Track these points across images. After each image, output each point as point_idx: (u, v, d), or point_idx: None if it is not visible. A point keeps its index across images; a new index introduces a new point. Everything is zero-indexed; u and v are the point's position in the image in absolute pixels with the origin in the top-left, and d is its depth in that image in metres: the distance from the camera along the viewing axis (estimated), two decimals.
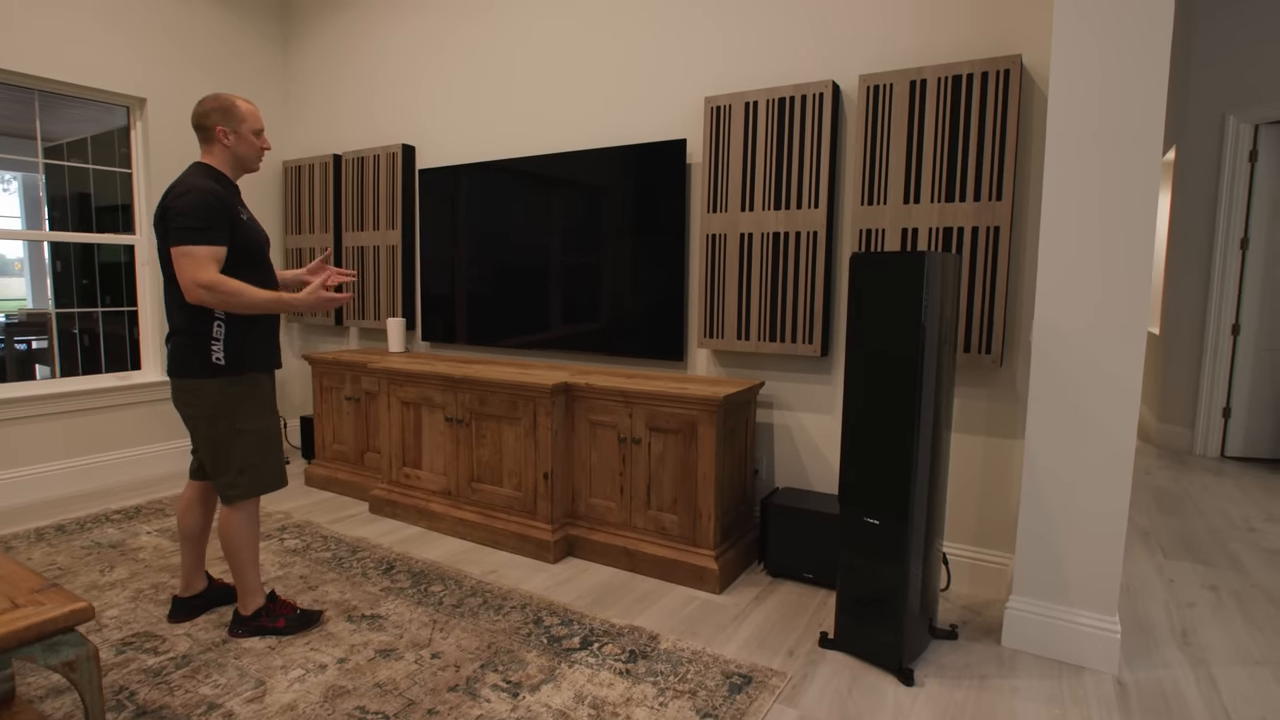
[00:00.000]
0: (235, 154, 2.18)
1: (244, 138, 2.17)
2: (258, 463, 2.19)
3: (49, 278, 4.74)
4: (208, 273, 2.00)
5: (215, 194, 2.05)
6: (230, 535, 2.19)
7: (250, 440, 2.17)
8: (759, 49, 2.92)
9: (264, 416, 2.20)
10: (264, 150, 2.25)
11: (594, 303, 3.31)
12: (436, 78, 3.92)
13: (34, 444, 3.65)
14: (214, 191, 2.06)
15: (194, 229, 2.00)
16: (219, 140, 2.15)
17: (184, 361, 2.10)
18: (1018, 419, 2.53)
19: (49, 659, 1.46)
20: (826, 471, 2.89)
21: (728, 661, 2.12)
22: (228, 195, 2.11)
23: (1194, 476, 4.12)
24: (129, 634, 2.26)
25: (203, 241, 2.01)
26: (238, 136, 2.16)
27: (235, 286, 2.03)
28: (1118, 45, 1.98)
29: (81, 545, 3.00)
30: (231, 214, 2.08)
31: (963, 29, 2.52)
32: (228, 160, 2.18)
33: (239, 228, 2.11)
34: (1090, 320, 2.07)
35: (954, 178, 2.48)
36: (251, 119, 2.18)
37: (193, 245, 2.00)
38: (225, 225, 2.06)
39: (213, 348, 2.09)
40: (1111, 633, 2.08)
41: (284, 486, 2.31)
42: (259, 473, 2.20)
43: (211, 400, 2.11)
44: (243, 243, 2.12)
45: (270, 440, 2.22)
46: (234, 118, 2.15)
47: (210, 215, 2.02)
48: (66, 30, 3.65)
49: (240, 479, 2.17)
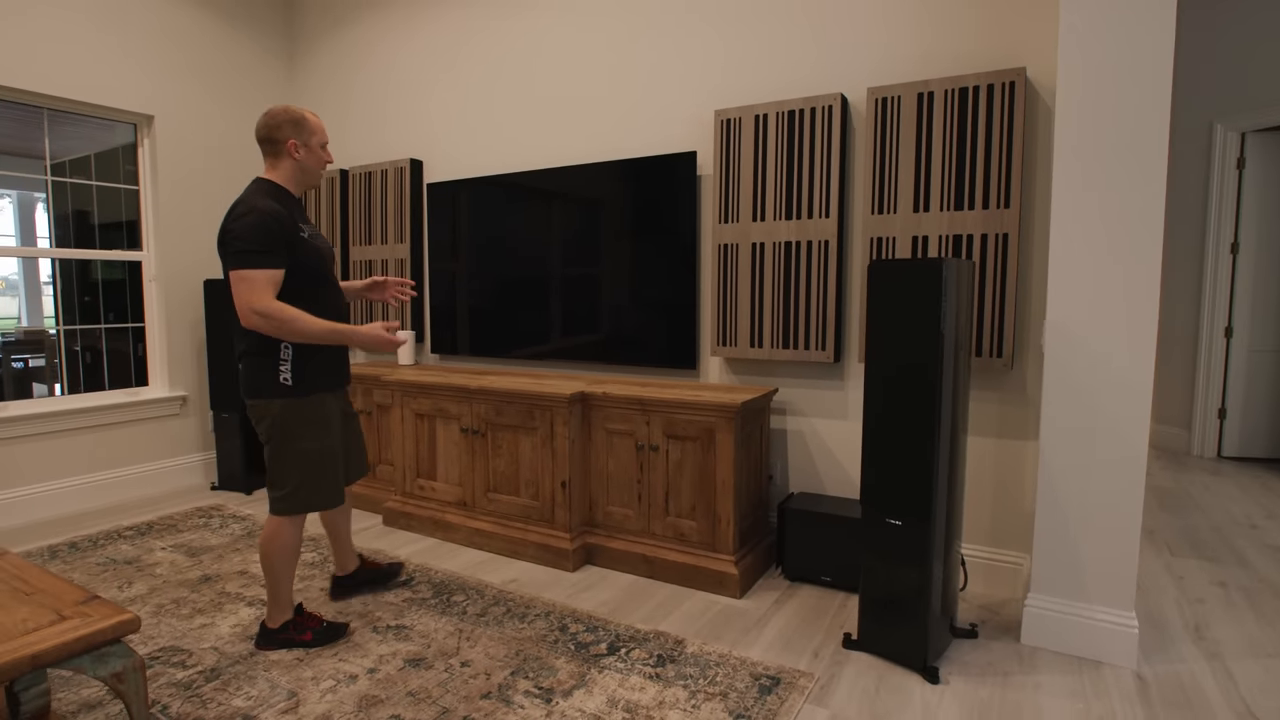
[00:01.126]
0: (303, 167, 2.16)
1: (313, 151, 2.17)
2: (311, 482, 2.18)
3: (52, 295, 4.73)
4: (263, 299, 2.00)
5: (274, 214, 2.03)
6: (270, 547, 2.19)
7: (308, 460, 2.17)
8: (767, 63, 2.99)
9: (323, 437, 2.20)
10: (328, 164, 2.25)
11: (605, 313, 3.35)
12: (446, 92, 3.97)
13: (42, 461, 3.63)
14: (273, 212, 2.03)
15: (250, 252, 1.98)
16: (289, 154, 2.13)
17: (253, 382, 2.12)
18: (1029, 421, 2.58)
19: (98, 670, 1.47)
20: (841, 476, 2.93)
21: (755, 664, 2.15)
22: (288, 213, 2.08)
23: (1193, 476, 4.20)
24: (155, 648, 2.26)
25: (259, 265, 1.99)
26: (307, 150, 2.16)
27: (291, 314, 2.01)
28: (1121, 57, 2.06)
29: (96, 562, 2.99)
30: (291, 233, 2.06)
31: (967, 42, 2.60)
32: (293, 175, 2.16)
33: (299, 246, 2.09)
34: (1101, 322, 2.13)
35: (962, 186, 2.54)
36: (320, 132, 2.19)
37: (249, 269, 1.99)
38: (283, 247, 2.04)
39: (281, 369, 2.10)
40: (1129, 628, 2.12)
41: (339, 505, 2.28)
42: (311, 492, 2.19)
43: (277, 419, 2.13)
44: (303, 260, 2.10)
45: (327, 460, 2.21)
46: (305, 130, 2.14)
47: (267, 238, 2.00)
48: (76, 50, 3.67)
49: (292, 495, 2.17)
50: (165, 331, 4.12)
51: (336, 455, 2.25)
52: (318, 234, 2.23)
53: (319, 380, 2.17)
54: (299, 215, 2.15)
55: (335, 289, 2.26)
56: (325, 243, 2.24)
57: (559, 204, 3.45)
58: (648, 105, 3.30)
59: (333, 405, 2.24)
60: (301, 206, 2.21)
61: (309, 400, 2.15)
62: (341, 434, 2.31)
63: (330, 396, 2.23)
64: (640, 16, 3.29)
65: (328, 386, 2.21)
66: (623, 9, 3.33)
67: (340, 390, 2.31)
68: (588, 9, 3.43)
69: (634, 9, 3.30)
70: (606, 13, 3.38)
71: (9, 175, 3.97)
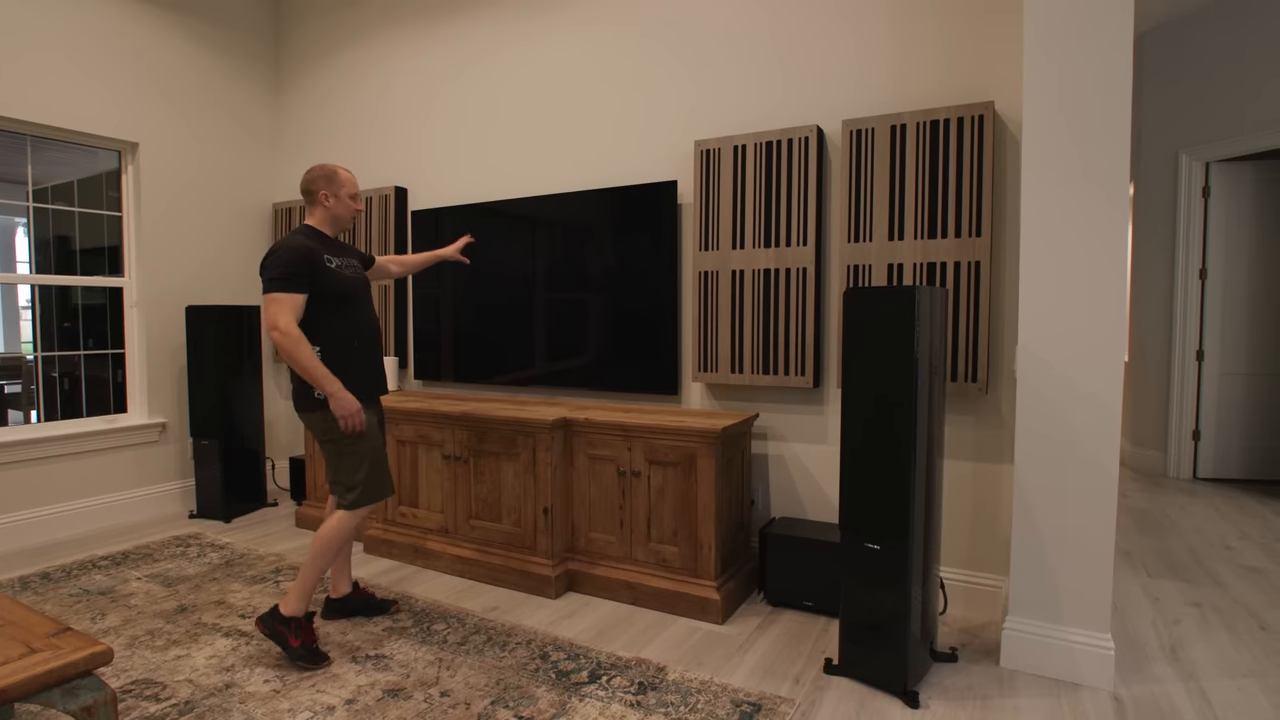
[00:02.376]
0: (333, 214, 2.48)
1: (341, 200, 2.48)
2: (366, 478, 2.42)
3: (30, 320, 4.68)
4: (284, 318, 2.25)
5: (301, 247, 2.31)
6: (325, 536, 2.39)
7: (356, 460, 2.41)
8: (746, 95, 3.06)
9: (368, 439, 2.43)
10: (357, 211, 2.53)
11: (587, 339, 3.38)
12: (430, 122, 4.02)
13: (15, 490, 3.57)
14: (299, 246, 2.32)
15: (276, 278, 2.26)
16: (320, 202, 2.46)
17: (298, 396, 2.41)
18: (1004, 444, 2.62)
19: (67, 704, 1.45)
20: (821, 500, 2.96)
21: (736, 690, 2.15)
22: (317, 247, 2.37)
23: (1169, 498, 4.25)
24: (128, 681, 2.22)
25: (283, 289, 2.26)
26: (336, 200, 2.47)
27: (297, 341, 2.25)
28: (1082, 91, 2.14)
29: (69, 593, 2.94)
30: (315, 264, 2.33)
31: (938, 76, 2.68)
32: (326, 219, 2.48)
33: (323, 275, 2.35)
34: (1070, 347, 2.18)
35: (935, 215, 2.61)
36: (349, 185, 2.49)
37: (275, 292, 2.26)
38: (307, 275, 2.31)
39: None
40: (1105, 650, 2.15)
41: (389, 495, 2.52)
42: (369, 486, 2.43)
43: (322, 428, 2.39)
44: (327, 286, 2.36)
45: (374, 457, 2.45)
46: (335, 183, 2.46)
47: (292, 266, 2.27)
48: (62, 77, 3.69)
49: (352, 492, 2.41)
50: (145, 358, 4.09)
51: (383, 452, 2.51)
52: (350, 265, 2.51)
53: (349, 389, 2.38)
54: (331, 250, 2.44)
55: (361, 310, 2.50)
56: (356, 273, 2.53)
57: (542, 231, 3.50)
58: (629, 135, 3.36)
59: (369, 412, 2.48)
60: (339, 243, 2.53)
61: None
62: (381, 437, 2.54)
63: (364, 405, 2.46)
64: (622, 49, 3.37)
65: (359, 396, 2.43)
66: (605, 42, 3.41)
67: (374, 402, 2.55)
68: (570, 42, 3.51)
69: (616, 42, 3.38)
70: (589, 45, 3.46)
71: None
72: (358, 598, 2.70)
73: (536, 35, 3.61)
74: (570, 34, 3.51)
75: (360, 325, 2.47)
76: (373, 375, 2.51)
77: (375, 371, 2.54)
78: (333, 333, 2.37)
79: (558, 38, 3.55)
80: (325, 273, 2.35)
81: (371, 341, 2.52)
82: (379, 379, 2.55)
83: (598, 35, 3.43)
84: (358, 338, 2.45)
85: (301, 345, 2.25)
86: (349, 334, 2.42)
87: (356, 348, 2.44)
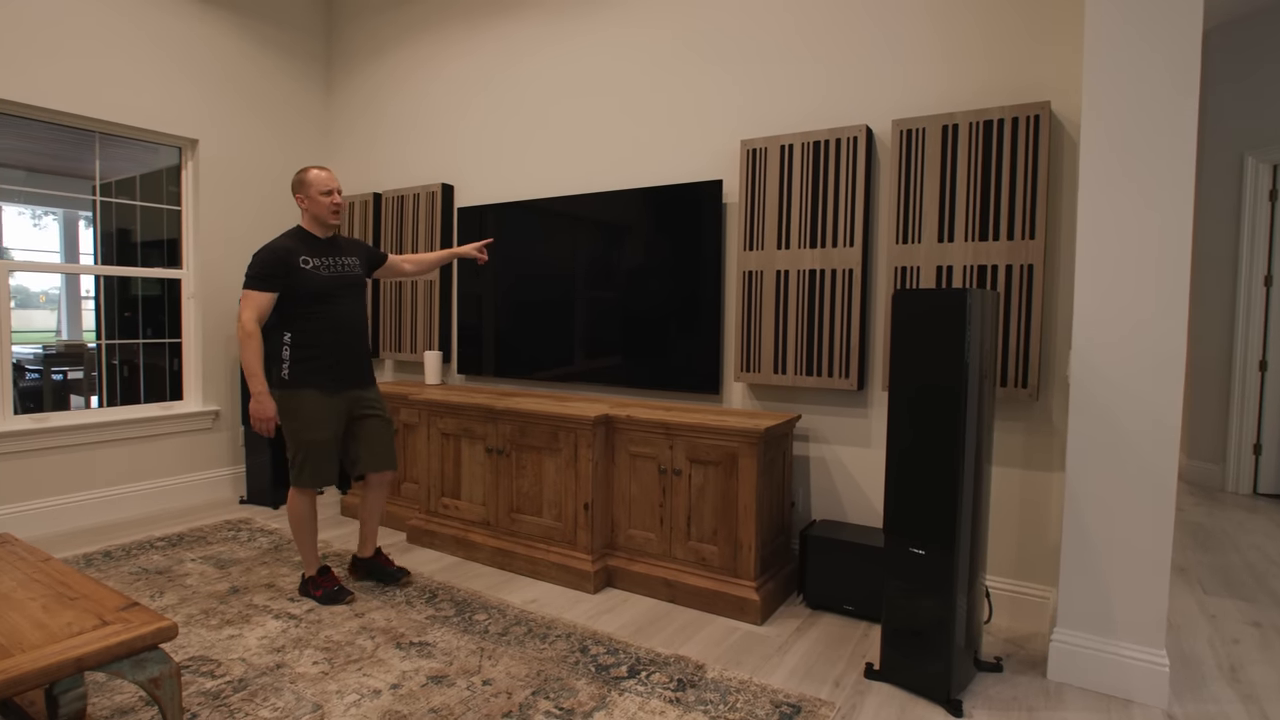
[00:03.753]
0: (312, 214, 2.68)
1: (314, 200, 2.67)
2: (299, 462, 2.65)
3: (94, 310, 4.88)
4: (246, 314, 2.55)
5: (277, 248, 2.58)
6: (289, 512, 2.73)
7: (292, 445, 2.65)
8: (793, 95, 3.05)
9: (310, 429, 2.63)
10: (335, 205, 2.69)
11: (630, 336, 3.39)
12: (477, 118, 4.08)
13: (79, 471, 3.74)
14: (276, 246, 2.59)
15: (249, 276, 2.56)
16: (300, 205, 2.70)
17: (269, 375, 2.65)
18: (1055, 452, 2.56)
19: (136, 675, 1.51)
20: (863, 504, 2.92)
21: (775, 691, 2.14)
22: (296, 248, 2.62)
23: (1228, 513, 4.10)
24: (185, 658, 2.31)
25: (251, 286, 2.56)
26: (310, 200, 2.67)
27: (247, 337, 2.53)
28: (1146, 89, 2.08)
29: (129, 571, 3.06)
30: (289, 265, 2.58)
31: (990, 76, 2.63)
32: (310, 220, 2.70)
33: (296, 274, 2.59)
34: (1126, 354, 2.12)
35: (987, 217, 2.56)
36: (318, 183, 2.66)
37: (246, 289, 2.56)
38: (280, 275, 2.57)
39: (282, 366, 2.64)
40: (1160, 666, 2.09)
41: (327, 484, 2.73)
42: (301, 470, 2.66)
43: (281, 406, 2.65)
44: (298, 286, 2.60)
45: (313, 447, 2.64)
46: (305, 184, 2.66)
47: (266, 267, 2.55)
48: (129, 76, 3.84)
49: (293, 470, 2.67)
50: (200, 347, 4.24)
51: (324, 444, 2.66)
52: (332, 265, 2.69)
53: (309, 379, 2.63)
54: (314, 250, 2.66)
55: (337, 307, 2.69)
56: (339, 270, 2.71)
57: (586, 229, 3.52)
58: (675, 134, 3.37)
59: (325, 403, 2.66)
60: (330, 242, 2.73)
61: (297, 394, 2.63)
62: (340, 430, 2.73)
63: (323, 395, 2.66)
64: (668, 49, 3.37)
65: (319, 385, 2.65)
66: (651, 41, 3.42)
67: (337, 392, 2.70)
68: (617, 40, 3.53)
69: (663, 41, 3.39)
70: (636, 43, 3.47)
71: (57, 195, 4.13)
72: (376, 562, 2.97)
73: (584, 35, 3.64)
74: (617, 34, 3.53)
75: (333, 320, 2.67)
76: (343, 367, 2.71)
77: (347, 364, 2.72)
78: (304, 326, 2.63)
79: (605, 38, 3.57)
80: (298, 273, 2.59)
81: (347, 336, 2.71)
82: (351, 372, 2.74)
83: (644, 35, 3.44)
84: (329, 332, 2.66)
85: (250, 341, 2.53)
86: (320, 328, 2.65)
87: (327, 342, 2.66)
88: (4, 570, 1.86)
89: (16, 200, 5.48)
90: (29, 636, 1.48)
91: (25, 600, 1.66)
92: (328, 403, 2.67)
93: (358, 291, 2.78)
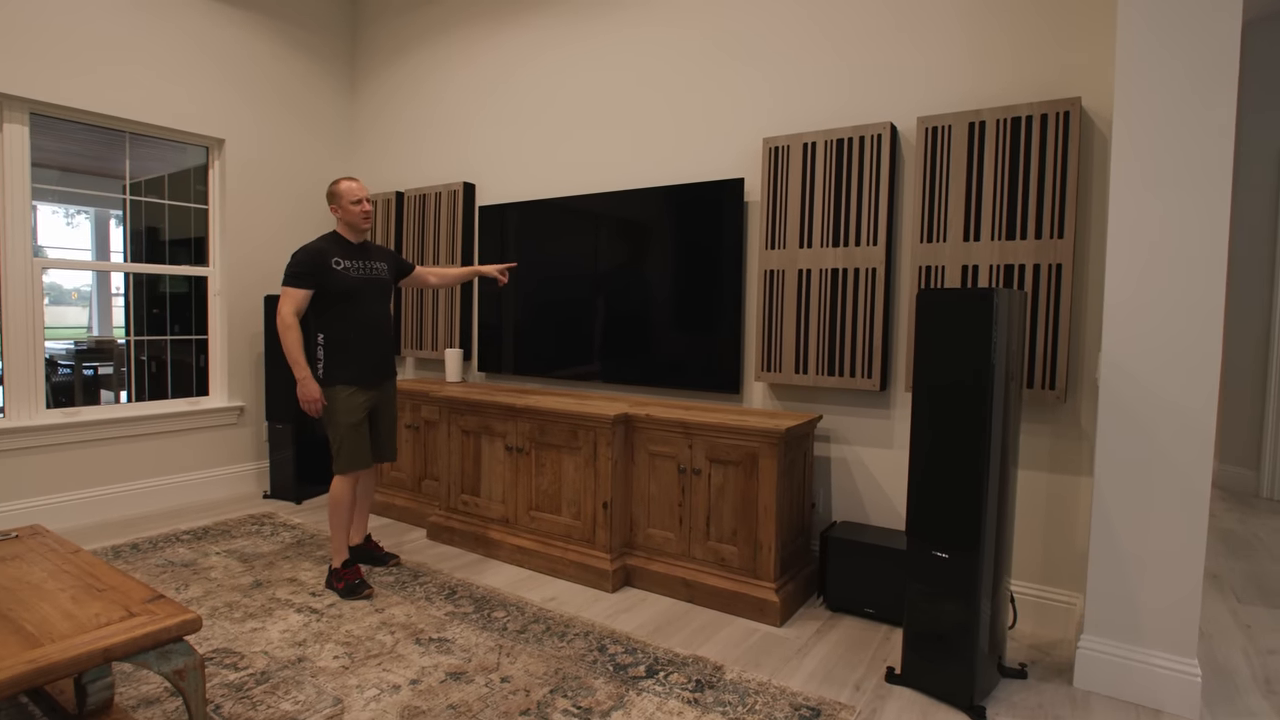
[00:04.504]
0: (345, 221, 2.89)
1: (345, 208, 2.87)
2: (339, 450, 2.84)
3: (123, 306, 4.97)
4: (286, 307, 2.74)
5: (313, 249, 2.78)
6: (330, 497, 2.87)
7: (335, 434, 2.84)
8: (816, 92, 3.02)
9: (345, 418, 2.82)
10: (364, 213, 2.88)
11: (649, 335, 3.38)
12: (498, 117, 4.09)
13: (109, 465, 3.81)
14: (313, 248, 2.79)
15: (287, 274, 2.76)
16: (334, 213, 2.90)
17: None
18: (1083, 455, 2.51)
19: (161, 666, 1.53)
20: (885, 506, 2.89)
21: (794, 694, 2.12)
22: (329, 249, 2.81)
23: (1262, 520, 4.00)
24: (209, 650, 2.34)
25: (289, 284, 2.75)
26: (342, 209, 2.87)
27: (287, 328, 2.71)
28: (1182, 84, 2.02)
29: (156, 563, 3.11)
30: (323, 265, 2.77)
31: (1018, 71, 2.59)
32: (343, 226, 2.91)
33: (328, 274, 2.78)
34: (1158, 356, 2.07)
35: (1014, 216, 2.52)
36: (348, 194, 2.85)
37: (285, 286, 2.76)
38: (314, 273, 2.76)
39: (318, 365, 2.83)
40: (1191, 676, 2.03)
41: (364, 467, 2.90)
42: (341, 456, 2.84)
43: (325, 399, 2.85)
44: (330, 285, 2.79)
45: (348, 433, 2.83)
46: (336, 195, 2.87)
47: (302, 265, 2.75)
48: (158, 77, 3.91)
49: (336, 460, 2.85)
50: (226, 344, 4.30)
51: (357, 433, 2.86)
52: (362, 267, 2.88)
53: (339, 374, 2.82)
54: (345, 253, 2.86)
55: (365, 305, 2.87)
56: (369, 273, 2.90)
57: (606, 227, 3.52)
58: (696, 132, 3.35)
59: (356, 395, 2.85)
60: (361, 247, 2.93)
61: (332, 389, 2.82)
62: (365, 420, 2.90)
63: (352, 388, 2.84)
64: (690, 46, 3.36)
65: (349, 380, 2.83)
66: (674, 38, 3.41)
67: (369, 386, 2.90)
68: (638, 38, 3.52)
69: (685, 39, 3.37)
70: (657, 41, 3.46)
71: (89, 194, 4.21)
72: (363, 547, 3.13)
73: (606, 33, 3.64)
74: (639, 32, 3.52)
75: (360, 319, 2.85)
76: (368, 363, 2.88)
77: (373, 360, 2.90)
78: (335, 323, 2.82)
79: (627, 36, 3.56)
80: (331, 273, 2.78)
81: (372, 333, 2.89)
82: (376, 367, 2.91)
83: (666, 32, 3.43)
84: (356, 329, 2.84)
85: (290, 333, 2.71)
86: (349, 325, 2.83)
87: (353, 338, 2.84)
88: (35, 561, 1.89)
89: (51, 199, 5.60)
90: (58, 627, 1.50)
91: (55, 591, 1.69)
92: (359, 395, 2.86)
93: (385, 294, 2.97)
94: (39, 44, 3.46)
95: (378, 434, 3.01)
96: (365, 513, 3.13)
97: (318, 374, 2.81)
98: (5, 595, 1.66)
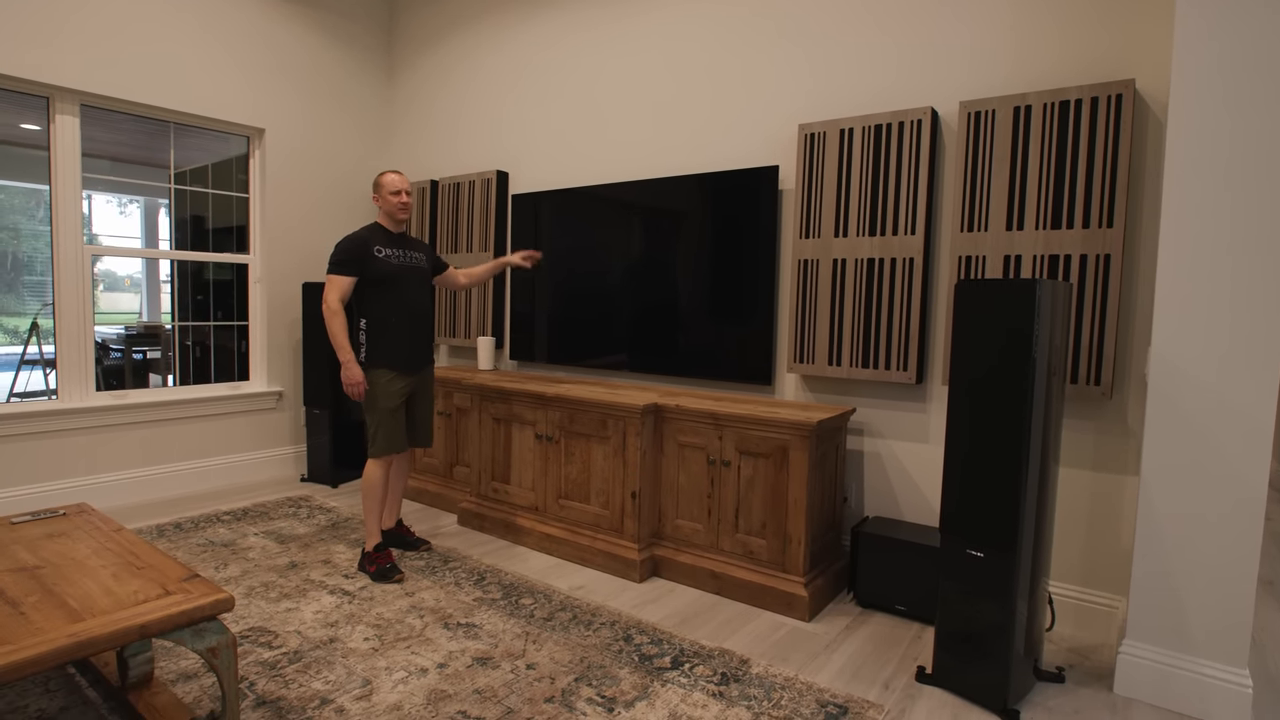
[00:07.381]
0: (385, 211, 2.98)
1: (385, 199, 2.97)
2: (376, 434, 2.91)
3: (170, 293, 5.11)
4: (331, 295, 2.82)
5: (356, 238, 2.88)
6: (362, 481, 2.94)
7: (373, 418, 2.91)
8: (854, 76, 2.94)
9: (384, 402, 2.90)
10: (403, 204, 2.97)
11: (681, 325, 3.36)
12: (531, 105, 4.09)
13: (154, 446, 3.93)
14: (356, 236, 2.89)
15: (333, 262, 2.85)
16: (376, 204, 3.00)
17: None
18: (1129, 454, 2.42)
19: (195, 643, 1.57)
20: (919, 501, 2.83)
21: (821, 690, 2.09)
22: (370, 238, 2.90)
23: None
24: (244, 628, 2.40)
25: (334, 271, 2.85)
26: (383, 200, 2.97)
27: (333, 314, 2.80)
28: (1244, 65, 1.91)
29: (197, 543, 3.20)
30: (365, 253, 2.86)
31: (1067, 52, 2.48)
32: (383, 216, 2.99)
33: (371, 262, 2.87)
34: (1215, 355, 1.97)
35: (1060, 204, 2.42)
36: (388, 185, 2.95)
37: (331, 274, 2.84)
38: (356, 260, 2.85)
39: (360, 349, 2.91)
40: (1242, 687, 1.95)
41: (398, 452, 2.97)
42: (378, 440, 2.91)
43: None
44: (372, 272, 2.88)
45: (385, 418, 2.90)
46: (379, 186, 2.97)
47: (346, 253, 2.84)
48: (200, 68, 3.99)
49: (372, 444, 2.92)
50: (266, 330, 4.39)
51: (395, 417, 2.93)
52: (402, 255, 2.97)
53: (379, 359, 2.89)
54: (386, 242, 2.94)
55: (404, 292, 2.95)
56: (408, 261, 2.99)
57: (638, 216, 3.49)
58: (729, 119, 3.30)
59: (396, 380, 2.92)
60: (402, 237, 3.02)
61: (373, 373, 2.89)
62: (403, 405, 2.97)
63: (393, 373, 2.91)
64: (725, 30, 3.30)
65: (389, 365, 2.90)
66: (707, 23, 3.35)
67: (408, 372, 2.96)
68: (672, 24, 3.47)
69: (719, 23, 3.32)
70: (690, 27, 3.41)
71: (138, 183, 4.33)
72: (395, 531, 3.19)
73: (639, 15, 3.59)
74: (672, 14, 3.47)
75: (400, 305, 2.93)
76: (408, 349, 2.95)
77: (412, 346, 2.97)
78: (376, 308, 2.90)
79: (661, 20, 3.52)
80: (373, 260, 2.87)
81: (411, 320, 2.96)
82: (416, 353, 2.98)
83: (701, 15, 3.37)
84: (395, 315, 2.92)
85: (335, 319, 2.79)
86: (389, 311, 2.91)
87: (393, 324, 2.91)
88: (80, 539, 1.96)
89: (103, 189, 5.77)
90: (99, 602, 1.55)
91: (98, 568, 1.74)
92: (398, 379, 2.93)
93: (424, 282, 3.05)
94: (87, 37, 3.56)
95: (414, 420, 3.07)
96: (398, 497, 3.19)
97: (360, 357, 2.89)
98: (51, 571, 1.72)
